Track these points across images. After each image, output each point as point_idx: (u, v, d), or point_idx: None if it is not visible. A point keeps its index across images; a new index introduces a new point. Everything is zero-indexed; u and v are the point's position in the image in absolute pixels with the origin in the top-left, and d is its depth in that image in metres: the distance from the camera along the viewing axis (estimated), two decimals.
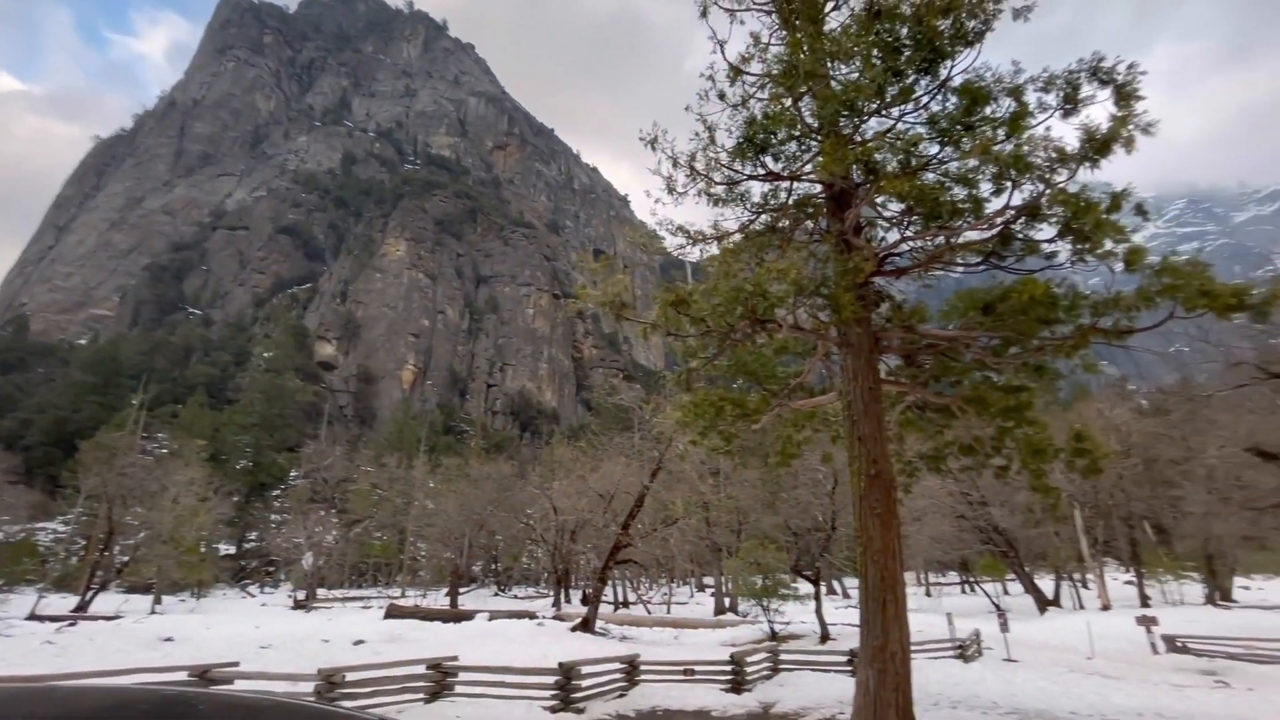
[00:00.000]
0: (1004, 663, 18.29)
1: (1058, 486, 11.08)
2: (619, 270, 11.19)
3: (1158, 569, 34.89)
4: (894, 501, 9.32)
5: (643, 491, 22.62)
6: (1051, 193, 7.87)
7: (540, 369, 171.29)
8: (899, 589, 8.88)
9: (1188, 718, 11.11)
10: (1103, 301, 8.14)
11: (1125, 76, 7.86)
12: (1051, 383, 10.97)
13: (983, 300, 8.98)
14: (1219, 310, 7.30)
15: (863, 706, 8.46)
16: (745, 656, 14.09)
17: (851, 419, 9.75)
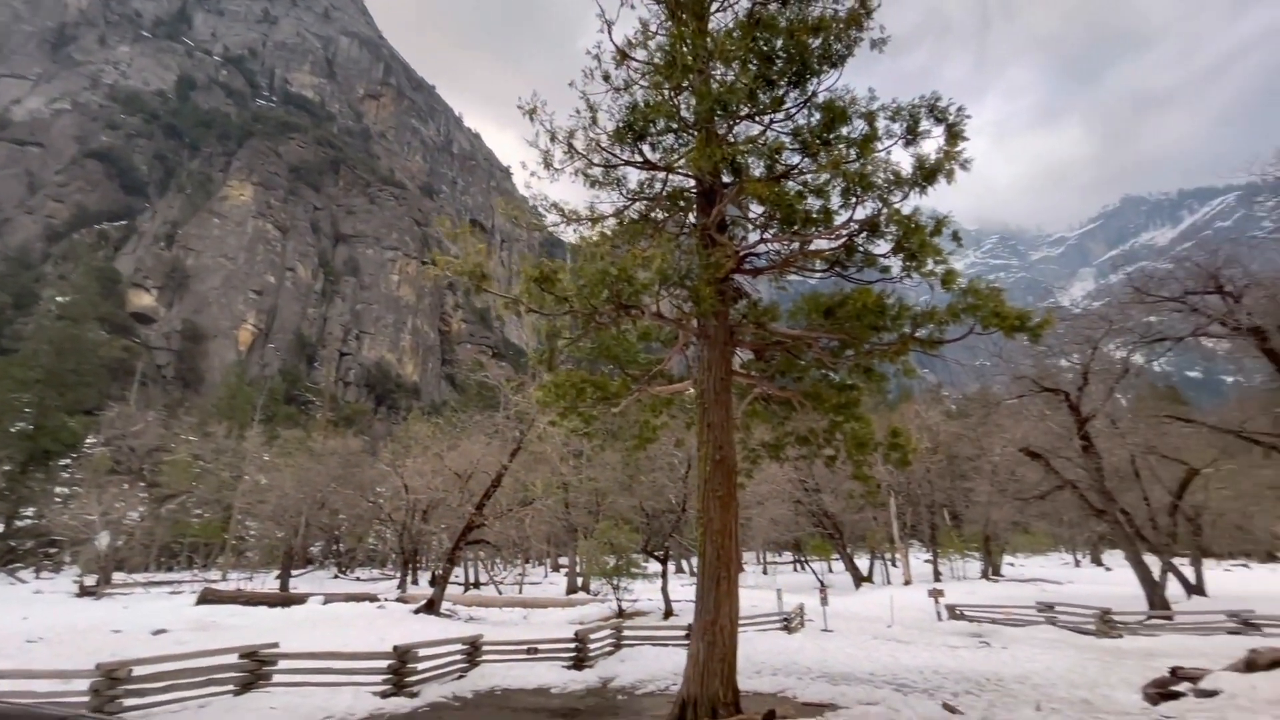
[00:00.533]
0: (822, 633, 20.36)
1: (875, 476, 12.43)
2: (488, 240, 10.78)
3: (950, 549, 40.72)
4: (734, 485, 9.94)
5: (501, 471, 22.18)
6: (888, 212, 8.74)
7: (402, 340, 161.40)
8: (733, 567, 9.52)
9: (957, 672, 13.10)
10: (922, 314, 9.20)
11: (955, 117, 8.88)
12: (879, 384, 12.24)
13: (825, 304, 9.79)
14: (1006, 329, 8.55)
15: (692, 676, 8.98)
16: (589, 634, 14.38)
17: (703, 406, 10.23)
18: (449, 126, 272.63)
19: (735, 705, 8.95)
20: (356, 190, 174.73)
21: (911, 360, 11.46)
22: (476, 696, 11.29)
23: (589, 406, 11.83)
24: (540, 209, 11.19)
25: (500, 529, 24.15)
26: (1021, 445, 23.13)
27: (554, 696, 11.45)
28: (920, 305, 9.35)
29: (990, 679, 12.45)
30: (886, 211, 8.63)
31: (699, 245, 9.99)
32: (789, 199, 8.34)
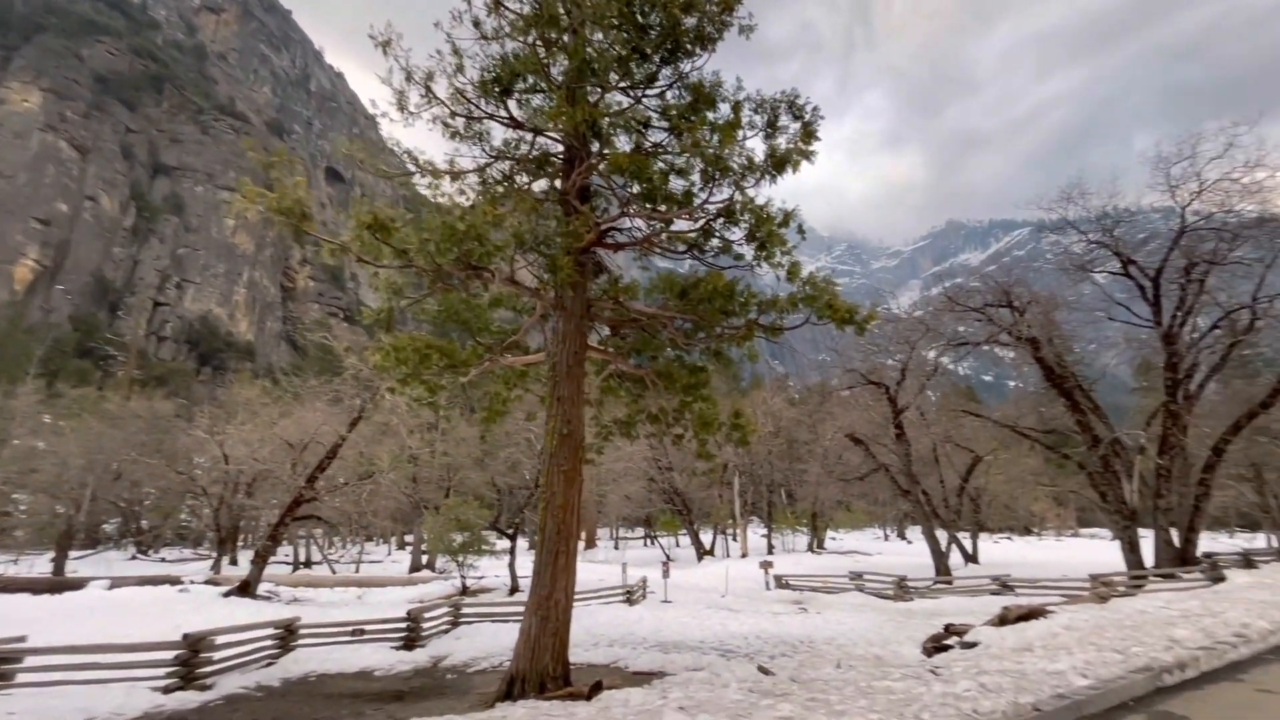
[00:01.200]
0: (662, 604, 21.23)
1: (721, 456, 13.05)
2: (347, 191, 9.56)
3: (783, 525, 44.44)
4: (580, 460, 9.86)
5: (337, 442, 20.39)
6: (743, 200, 9.02)
7: (235, 293, 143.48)
8: (572, 542, 9.47)
9: (777, 636, 14.25)
10: (766, 301, 9.66)
11: (810, 116, 9.36)
12: (729, 366, 12.80)
13: (680, 285, 9.96)
14: (838, 321, 9.24)
15: (522, 652, 8.84)
16: (422, 612, 13.73)
17: (555, 379, 10.02)
18: (307, 60, 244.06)
19: (565, 679, 8.95)
20: (185, 116, 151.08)
21: (757, 346, 12.12)
22: (285, 685, 10.30)
23: (434, 374, 11.13)
24: (395, 154, 10.24)
25: (334, 504, 22.26)
26: (848, 432, 25.70)
27: (377, 679, 10.77)
28: (766, 294, 9.80)
29: (804, 641, 13.68)
30: (741, 199, 8.89)
31: (561, 213, 9.71)
32: (650, 172, 8.29)
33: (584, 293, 10.40)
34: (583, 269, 10.13)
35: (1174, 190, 18.16)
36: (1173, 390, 18.59)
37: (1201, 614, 9.90)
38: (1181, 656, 7.17)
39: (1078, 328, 22.69)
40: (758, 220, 9.01)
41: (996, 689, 5.96)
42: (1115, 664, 7.00)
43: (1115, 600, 11.98)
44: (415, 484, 28.43)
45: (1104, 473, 19.11)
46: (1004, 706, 5.30)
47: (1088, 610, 11.03)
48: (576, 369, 10.08)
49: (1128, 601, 11.79)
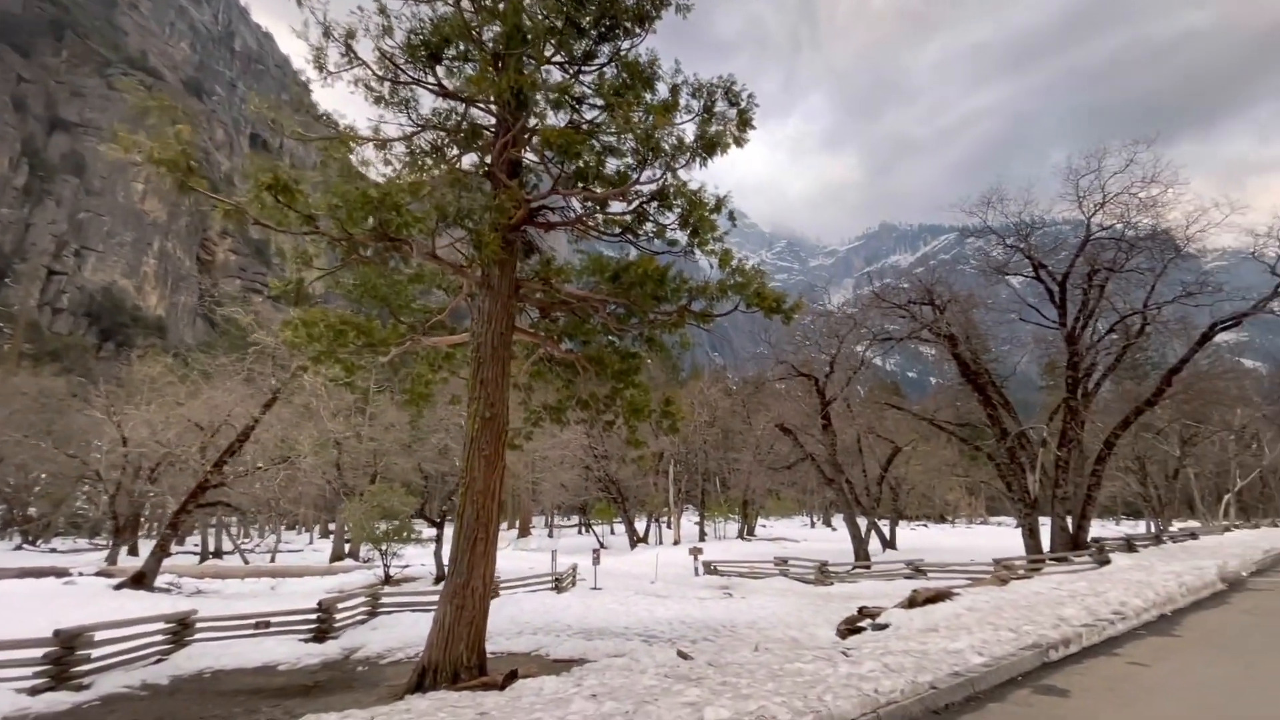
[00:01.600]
0: (591, 591, 21.17)
1: (659, 446, 13.01)
2: (274, 162, 8.71)
3: (716, 512, 45.34)
4: (502, 445, 9.57)
5: (249, 425, 19.14)
6: (676, 184, 8.91)
7: (145, 264, 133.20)
8: (492, 528, 9.19)
9: (700, 621, 14.44)
10: (697, 287, 9.62)
11: (746, 104, 9.33)
12: (663, 353, 12.73)
13: (611, 268, 9.77)
14: (765, 309, 9.31)
15: (435, 642, 8.52)
16: (335, 603, 13.10)
17: (478, 361, 9.65)
18: (230, 16, 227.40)
19: (480, 668, 8.70)
20: (89, 68, 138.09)
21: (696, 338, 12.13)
22: (175, 682, 9.57)
23: (351, 353, 10.54)
24: (327, 123, 9.54)
25: (247, 491, 20.94)
26: (778, 422, 26.36)
27: (280, 674, 10.18)
28: (698, 282, 9.76)
29: (726, 625, 13.91)
30: (674, 183, 8.78)
31: (492, 187, 9.33)
32: (580, 148, 8.03)
33: (512, 272, 10.05)
34: (511, 247, 9.78)
35: (1081, 201, 19.40)
36: (1073, 388, 19.96)
37: (1087, 594, 10.66)
38: (1067, 634, 7.66)
39: (993, 327, 24.05)
40: (690, 205, 8.93)
41: (899, 669, 6.16)
42: (1008, 642, 7.40)
43: (1014, 583, 12.75)
44: (339, 470, 27.14)
45: (1010, 464, 20.34)
46: (903, 685, 5.46)
47: (989, 592, 11.69)
48: (502, 351, 9.74)
49: (1025, 584, 12.57)
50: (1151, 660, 6.74)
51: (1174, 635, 8.17)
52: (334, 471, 26.44)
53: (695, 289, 9.66)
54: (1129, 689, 5.68)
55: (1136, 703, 5.32)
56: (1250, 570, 15.57)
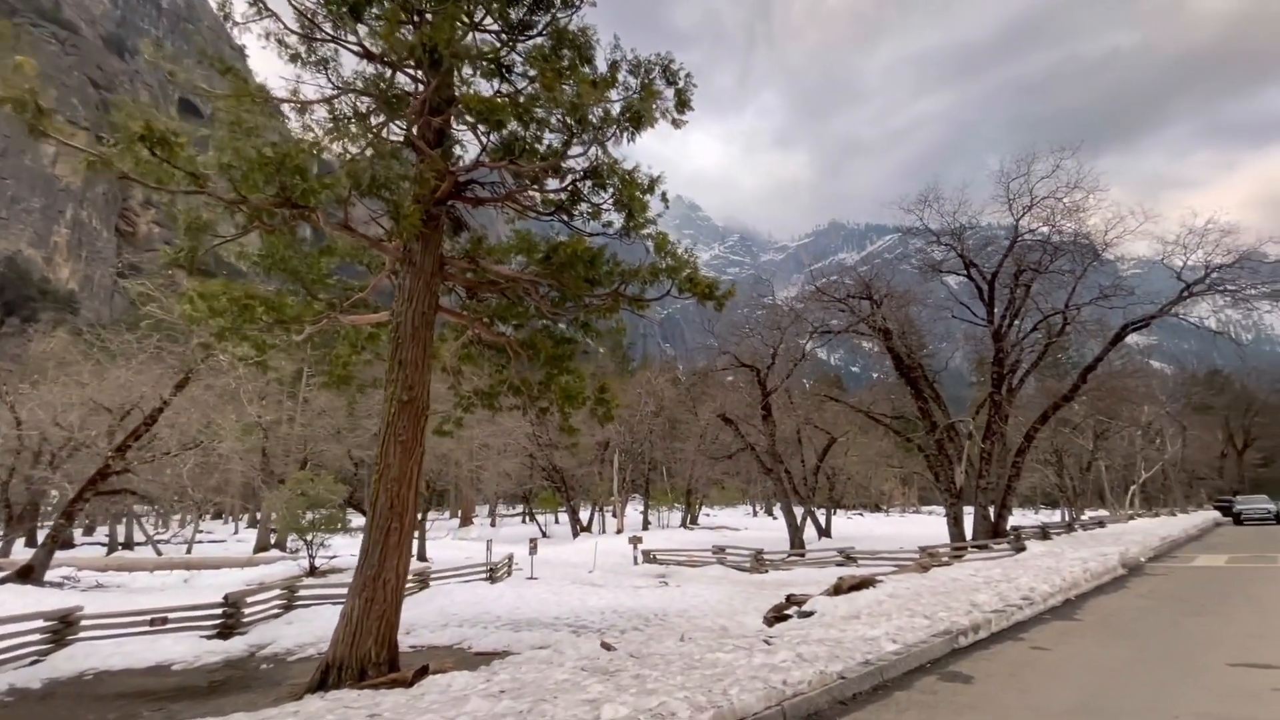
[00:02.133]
0: (527, 580, 20.81)
1: (579, 429, 12.73)
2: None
3: (660, 502, 45.55)
4: (421, 430, 9.09)
5: (158, 406, 17.80)
6: (608, 160, 8.60)
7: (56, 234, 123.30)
8: (407, 517, 8.73)
9: (633, 610, 14.33)
10: (629, 271, 9.36)
11: (684, 83, 9.10)
12: (599, 338, 12.46)
13: (541, 248, 9.40)
14: (698, 294, 9.16)
15: (341, 638, 8.04)
16: (244, 596, 12.32)
17: (397, 341, 9.13)
18: None
19: (391, 664, 8.27)
20: None
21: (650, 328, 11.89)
22: (50, 686, 8.73)
23: (262, 330, 9.82)
24: (218, 70, 8.70)
25: (155, 479, 19.51)
26: (719, 412, 26.55)
27: (173, 674, 9.45)
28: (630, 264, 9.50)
29: (658, 615, 13.84)
30: (605, 159, 8.47)
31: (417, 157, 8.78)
32: (504, 117, 7.60)
33: (437, 249, 9.53)
34: (435, 222, 9.26)
35: (1011, 203, 20.14)
36: (998, 383, 20.81)
37: (1000, 580, 11.06)
38: (977, 620, 7.85)
39: (929, 324, 24.83)
40: (623, 184, 8.65)
41: (812, 658, 6.12)
42: (922, 629, 7.51)
43: (935, 570, 13.16)
44: (265, 457, 25.70)
45: (938, 455, 21.07)
46: (812, 676, 5.40)
47: (911, 579, 12.01)
48: (424, 331, 9.24)
49: (945, 570, 12.99)
50: (1053, 645, 6.95)
51: (1075, 620, 8.52)
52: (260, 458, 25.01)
53: (627, 272, 9.40)
54: (1028, 674, 5.81)
55: (1034, 688, 5.42)
56: (1149, 556, 16.62)
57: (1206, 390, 64.60)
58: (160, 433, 19.11)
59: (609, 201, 9.49)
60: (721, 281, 9.47)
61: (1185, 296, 19.37)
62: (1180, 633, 7.35)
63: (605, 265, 9.62)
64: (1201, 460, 54.31)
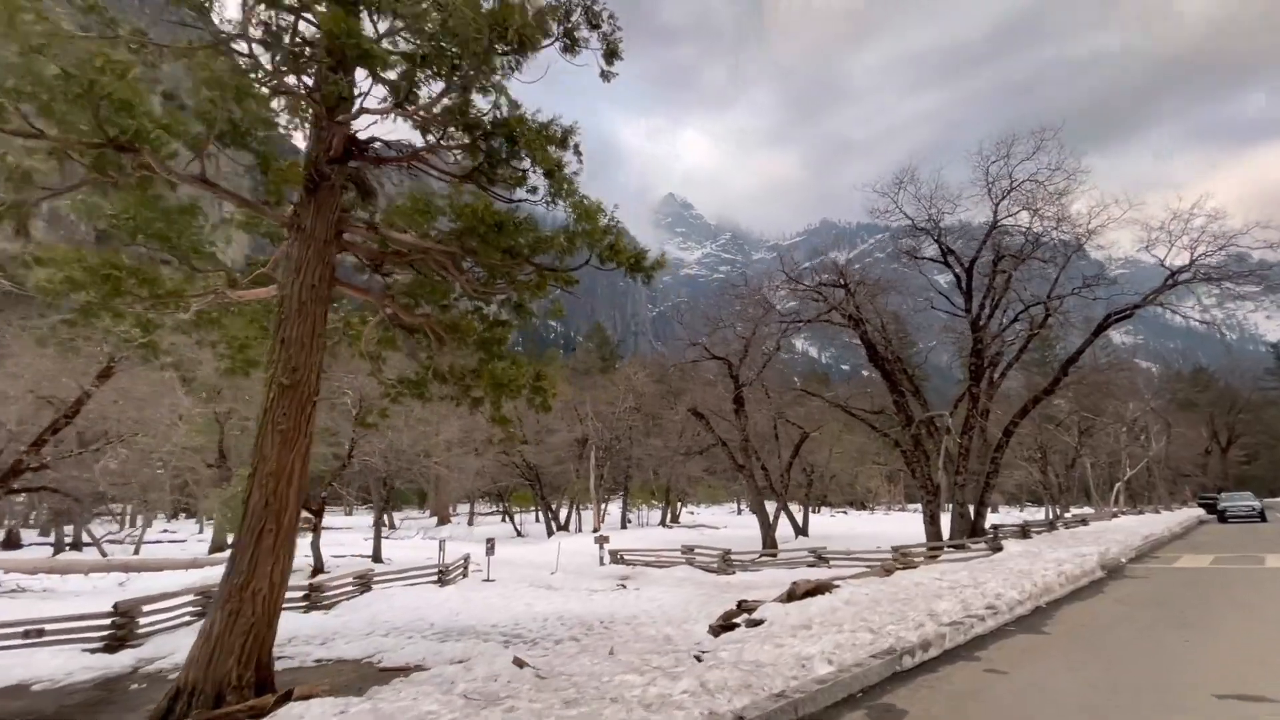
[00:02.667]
0: (483, 583, 19.76)
1: (510, 420, 11.66)
2: None
3: (640, 500, 44.55)
4: (307, 419, 7.98)
5: (80, 397, 16.56)
6: (514, 116, 7.53)
7: None
8: (285, 517, 7.63)
9: (578, 617, 13.30)
10: (543, 238, 8.31)
11: (609, 26, 8.08)
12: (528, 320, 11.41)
13: (436, 208, 8.33)
14: (623, 264, 8.12)
15: (197, 658, 6.94)
16: (140, 604, 11.17)
17: (281, 317, 8.03)
18: None
19: (261, 686, 7.18)
20: None
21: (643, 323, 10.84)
22: None
23: (140, 305, 8.68)
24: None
25: (77, 475, 18.26)
26: (691, 406, 25.54)
27: (27, 696, 8.30)
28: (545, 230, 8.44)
29: (604, 621, 12.81)
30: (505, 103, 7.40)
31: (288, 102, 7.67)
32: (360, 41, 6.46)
33: (330, 214, 8.40)
34: (328, 183, 8.15)
35: (990, 187, 19.23)
36: (977, 376, 19.91)
37: (967, 585, 10.09)
38: (928, 635, 6.86)
39: (911, 316, 23.91)
40: (533, 137, 7.57)
41: (719, 687, 5.11)
42: (865, 646, 6.51)
43: (899, 573, 12.19)
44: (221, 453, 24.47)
45: (914, 451, 20.16)
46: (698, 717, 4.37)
47: (870, 584, 11.03)
48: (312, 306, 8.12)
49: (909, 574, 12.02)
50: (1012, 666, 5.97)
51: (1043, 632, 7.55)
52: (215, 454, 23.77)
53: (541, 240, 8.34)
54: (974, 710, 4.81)
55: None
56: (1130, 556, 15.75)
57: (1191, 387, 64.38)
58: (94, 426, 17.87)
59: (530, 164, 8.43)
60: (649, 252, 8.43)
61: (1171, 285, 18.55)
62: (1161, 650, 6.39)
63: (517, 231, 8.55)
64: (1186, 457, 53.92)
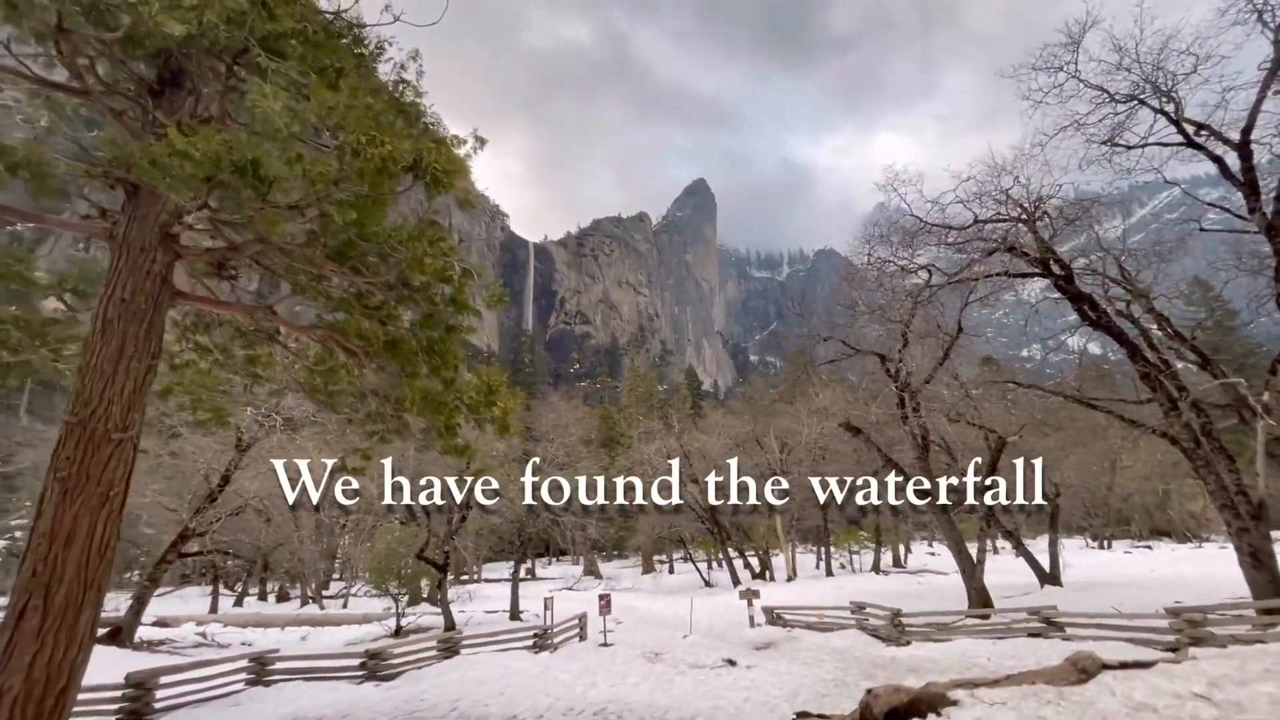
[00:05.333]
0: (599, 648, 17.02)
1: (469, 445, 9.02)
2: None
3: (844, 542, 37.89)
4: (105, 465, 6.33)
5: (227, 471, 18.35)
6: None
7: None
8: (59, 592, 5.90)
9: (641, 709, 9.77)
10: (321, 173, 5.74)
11: None
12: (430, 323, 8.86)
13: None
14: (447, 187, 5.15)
15: None
16: (160, 675, 10.69)
17: (85, 344, 6.70)
18: None
19: None
20: None
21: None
22: None
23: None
24: None
25: (234, 538, 20.29)
26: (844, 421, 20.05)
27: None
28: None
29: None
30: None
31: None
32: None
33: (153, 216, 7.01)
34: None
35: (1262, 9, 11.74)
36: None
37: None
38: None
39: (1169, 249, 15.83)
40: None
41: None
42: None
43: (1120, 677, 6.41)
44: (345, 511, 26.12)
45: (1194, 447, 12.58)
46: None
47: (1037, 699, 5.74)
48: (121, 325, 6.64)
49: (1148, 679, 6.21)
50: None
51: None
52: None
53: (317, 175, 5.75)
54: None
55: None
56: None
57: None
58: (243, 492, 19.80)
59: None
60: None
61: None
62: None
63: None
64: None
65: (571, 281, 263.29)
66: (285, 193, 5.79)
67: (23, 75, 6.33)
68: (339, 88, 5.44)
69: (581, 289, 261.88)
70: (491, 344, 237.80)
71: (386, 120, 5.61)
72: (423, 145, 5.45)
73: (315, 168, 5.30)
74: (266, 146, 5.09)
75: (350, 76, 5.73)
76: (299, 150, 5.48)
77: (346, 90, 5.38)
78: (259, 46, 5.22)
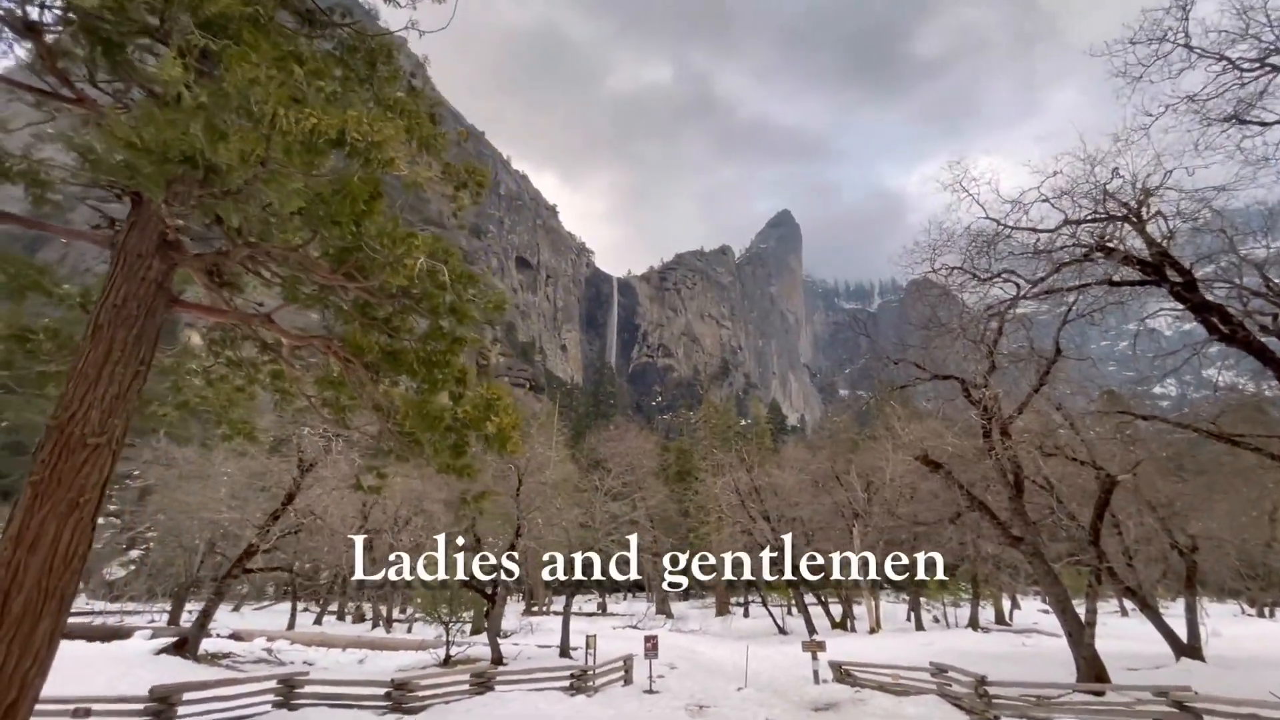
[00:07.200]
0: (642, 694, 15.81)
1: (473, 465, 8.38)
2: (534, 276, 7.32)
3: (935, 594, 34.26)
4: (79, 470, 6.21)
5: (291, 489, 18.98)
6: None
7: None
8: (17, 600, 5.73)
9: None
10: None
11: None
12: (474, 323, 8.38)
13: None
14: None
15: None
16: (182, 691, 10.67)
17: (76, 349, 6.72)
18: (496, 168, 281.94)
19: None
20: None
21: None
22: None
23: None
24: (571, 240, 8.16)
25: (296, 554, 20.81)
26: (920, 454, 17.84)
27: None
28: None
29: None
30: None
31: None
32: None
33: (152, 223, 7.07)
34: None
35: None
36: None
37: None
38: None
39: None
40: None
41: None
42: None
43: None
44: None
45: None
46: None
47: None
48: (110, 330, 6.64)
49: None
50: None
51: None
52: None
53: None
54: None
55: None
56: None
57: None
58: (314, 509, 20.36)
59: None
60: None
61: None
62: None
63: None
64: None
65: (654, 315, 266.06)
66: (222, 179, 5.53)
67: (28, 87, 6.57)
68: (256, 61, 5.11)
69: (664, 322, 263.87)
70: (575, 376, 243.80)
71: (347, 102, 5.26)
72: (350, 117, 5.02)
73: (239, 144, 4.97)
74: (187, 122, 4.83)
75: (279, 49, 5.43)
76: (220, 127, 5.18)
77: (269, 60, 5.04)
78: (199, 29, 5.02)
